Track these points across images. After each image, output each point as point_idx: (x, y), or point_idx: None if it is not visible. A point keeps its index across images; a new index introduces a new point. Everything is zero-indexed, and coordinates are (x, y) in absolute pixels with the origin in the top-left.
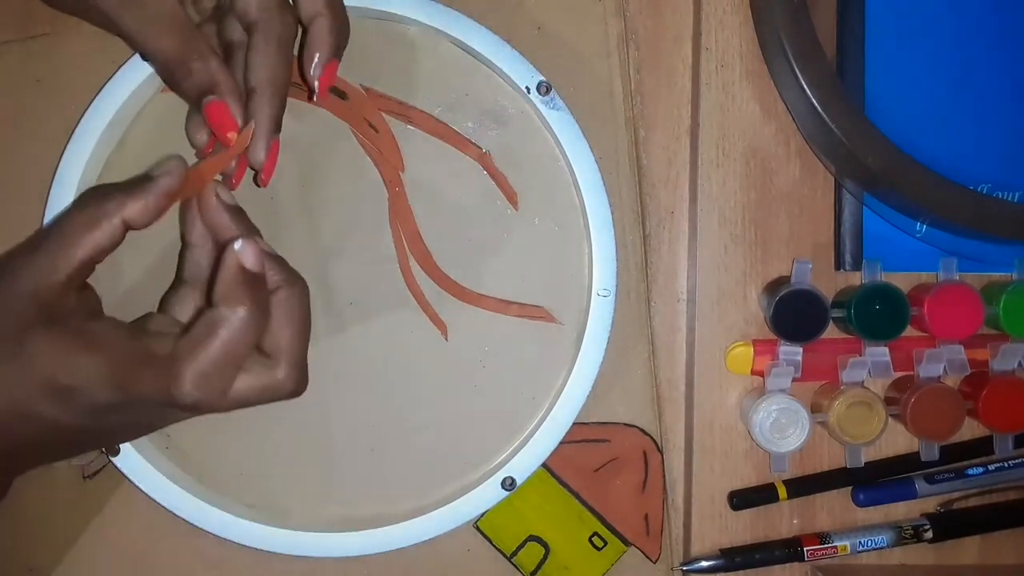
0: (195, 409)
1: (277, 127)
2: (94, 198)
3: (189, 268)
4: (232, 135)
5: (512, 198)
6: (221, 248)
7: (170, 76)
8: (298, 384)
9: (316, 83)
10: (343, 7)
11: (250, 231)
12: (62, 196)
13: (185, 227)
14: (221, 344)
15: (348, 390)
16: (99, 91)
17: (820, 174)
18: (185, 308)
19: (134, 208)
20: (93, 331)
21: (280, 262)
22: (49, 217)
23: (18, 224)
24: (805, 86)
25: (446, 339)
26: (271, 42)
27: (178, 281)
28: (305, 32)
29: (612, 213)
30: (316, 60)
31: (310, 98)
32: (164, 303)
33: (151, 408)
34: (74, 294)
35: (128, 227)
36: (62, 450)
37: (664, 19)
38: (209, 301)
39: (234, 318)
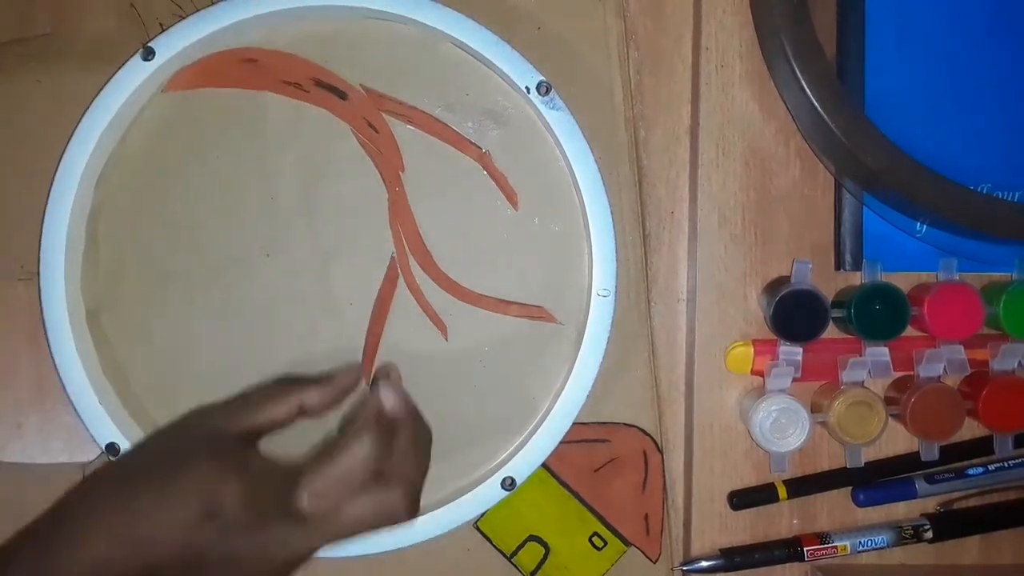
0: (311, 532)
1: None
2: (285, 381)
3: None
4: None
5: (512, 198)
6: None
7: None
8: (410, 510)
9: None
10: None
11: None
12: (62, 196)
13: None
14: (342, 465)
15: None
16: (99, 91)
17: (820, 174)
18: None
19: (312, 395)
20: (244, 458)
21: (415, 408)
22: (49, 217)
23: (18, 224)
24: (805, 86)
25: (446, 339)
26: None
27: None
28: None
29: (612, 213)
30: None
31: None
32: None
33: (273, 536)
34: (241, 445)
35: (303, 410)
36: None
37: (664, 19)
38: (341, 429)
39: (358, 446)
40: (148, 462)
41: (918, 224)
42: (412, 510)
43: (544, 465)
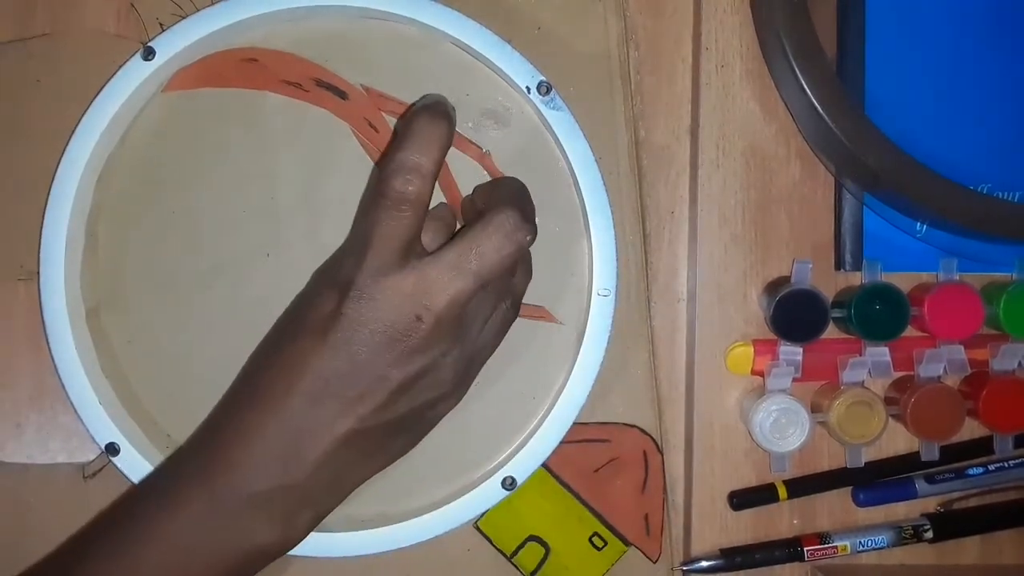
0: (436, 257)
1: None
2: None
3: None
4: None
5: None
6: None
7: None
8: (522, 221)
9: None
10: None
11: None
12: (62, 196)
13: None
14: (410, 135)
15: None
16: (99, 91)
17: (820, 174)
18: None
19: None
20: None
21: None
22: (49, 217)
23: (18, 224)
24: (805, 86)
25: None
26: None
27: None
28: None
29: (612, 213)
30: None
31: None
32: None
33: (407, 279)
34: None
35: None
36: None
37: (664, 19)
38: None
39: (417, 119)
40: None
41: (918, 224)
42: (527, 223)
43: (544, 465)
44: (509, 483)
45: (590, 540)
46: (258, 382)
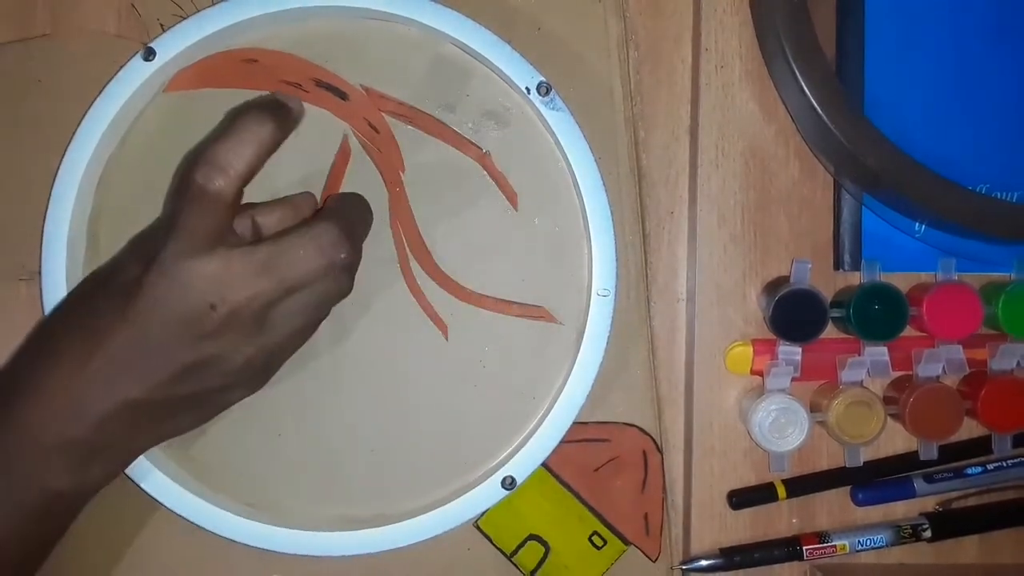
0: (246, 254)
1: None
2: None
3: None
4: None
5: (512, 198)
6: None
7: None
8: (342, 239)
9: None
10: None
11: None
12: (63, 196)
13: None
14: (229, 131)
15: (348, 390)
16: (100, 91)
17: (820, 174)
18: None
19: (266, 213)
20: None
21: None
22: (50, 217)
23: (18, 224)
24: (805, 86)
25: (446, 339)
26: None
27: None
28: None
29: (612, 213)
30: None
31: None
32: None
33: (208, 265)
34: None
35: (257, 228)
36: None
37: (664, 19)
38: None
39: (245, 114)
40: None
41: (917, 224)
42: (346, 242)
43: (544, 465)
44: (509, 482)
45: (590, 539)
46: (57, 346)
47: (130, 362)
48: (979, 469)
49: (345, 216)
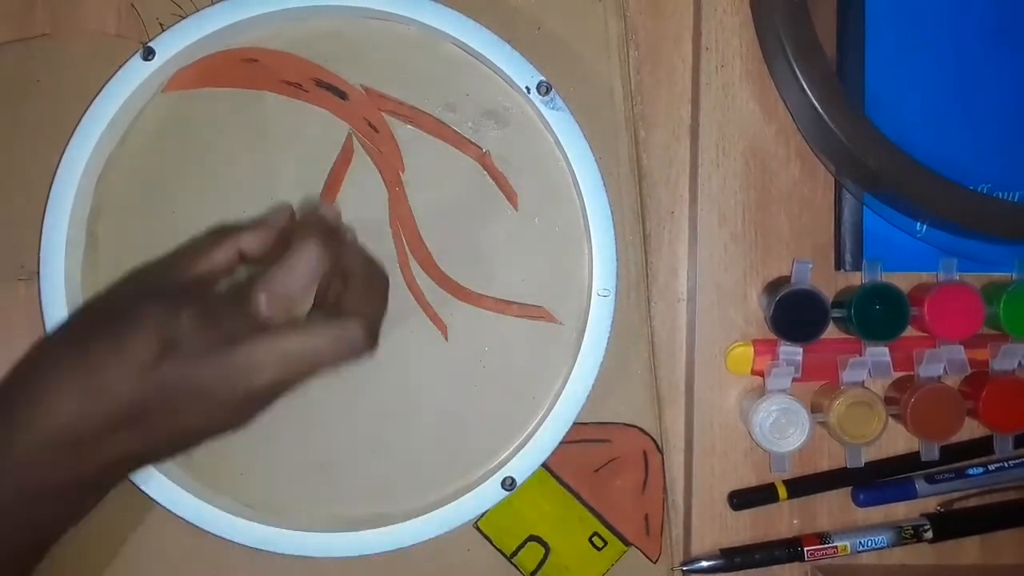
0: (272, 347)
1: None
2: (219, 228)
3: None
4: None
5: (512, 198)
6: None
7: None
8: (368, 341)
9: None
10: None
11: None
12: (62, 196)
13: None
14: (289, 261)
15: (348, 390)
16: (99, 91)
17: (820, 174)
18: None
19: (248, 238)
20: (192, 292)
21: (369, 254)
22: (49, 217)
23: (18, 224)
24: (805, 86)
25: (446, 339)
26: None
27: None
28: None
29: (612, 213)
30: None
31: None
32: None
33: (237, 355)
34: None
35: (242, 255)
36: (150, 430)
37: (664, 19)
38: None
39: (303, 243)
40: (94, 317)
41: (918, 224)
42: (370, 339)
43: (544, 465)
44: (509, 483)
45: (590, 540)
46: (64, 382)
47: (135, 422)
48: (980, 470)
49: (371, 310)
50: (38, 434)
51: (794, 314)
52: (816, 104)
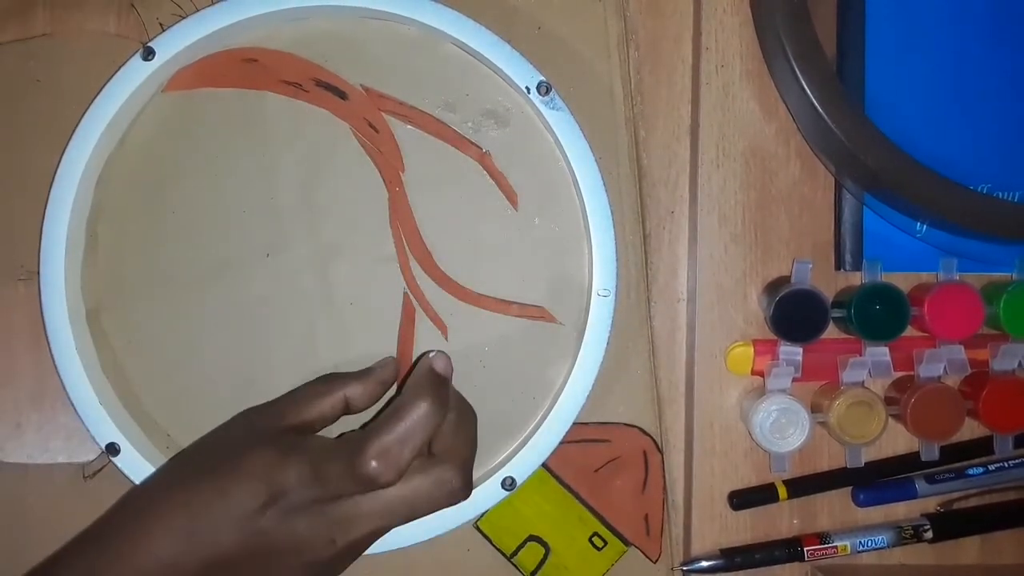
0: (377, 503)
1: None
2: (327, 377)
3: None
4: None
5: (512, 198)
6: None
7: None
8: (465, 487)
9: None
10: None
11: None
12: (62, 196)
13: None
14: (404, 425)
15: None
16: (99, 91)
17: (820, 174)
18: None
19: (355, 388)
20: (301, 441)
21: (458, 392)
22: (49, 217)
23: (19, 224)
24: (805, 86)
25: (446, 339)
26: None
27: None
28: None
29: (612, 213)
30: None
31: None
32: None
33: (340, 510)
34: (294, 435)
35: (347, 404)
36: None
37: (664, 19)
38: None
39: (417, 405)
40: (203, 458)
41: (918, 224)
42: (467, 487)
43: (544, 465)
44: (509, 483)
45: (590, 540)
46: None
47: (228, 571)
48: (980, 470)
49: (466, 452)
50: (137, 566)
51: (794, 314)
52: (816, 104)
